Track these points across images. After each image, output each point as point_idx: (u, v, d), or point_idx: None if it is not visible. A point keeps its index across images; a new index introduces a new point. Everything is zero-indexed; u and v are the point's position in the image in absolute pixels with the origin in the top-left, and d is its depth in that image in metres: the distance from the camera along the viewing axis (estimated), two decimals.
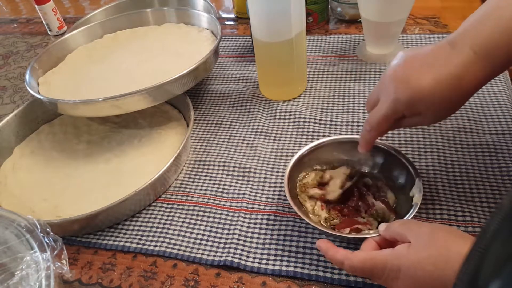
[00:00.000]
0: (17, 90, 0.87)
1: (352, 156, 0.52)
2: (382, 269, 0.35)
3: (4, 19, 1.21)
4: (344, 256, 0.38)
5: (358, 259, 0.37)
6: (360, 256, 0.37)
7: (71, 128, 0.70)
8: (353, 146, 0.49)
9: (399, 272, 0.34)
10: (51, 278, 0.38)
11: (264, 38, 0.61)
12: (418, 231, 0.36)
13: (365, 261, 0.36)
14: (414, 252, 0.34)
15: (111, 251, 0.51)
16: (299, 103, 0.67)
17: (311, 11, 0.80)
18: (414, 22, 0.80)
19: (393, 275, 0.35)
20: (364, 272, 0.37)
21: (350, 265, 0.37)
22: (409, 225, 0.38)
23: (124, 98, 0.57)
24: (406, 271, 0.34)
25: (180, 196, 0.56)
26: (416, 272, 0.33)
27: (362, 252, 0.38)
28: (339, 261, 0.38)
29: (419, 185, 0.45)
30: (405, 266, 0.34)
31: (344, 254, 0.38)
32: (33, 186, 0.60)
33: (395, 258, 0.35)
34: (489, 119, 0.58)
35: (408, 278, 0.34)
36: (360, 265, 0.36)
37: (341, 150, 0.53)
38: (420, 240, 0.35)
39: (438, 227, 0.36)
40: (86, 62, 0.74)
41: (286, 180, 0.48)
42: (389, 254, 0.36)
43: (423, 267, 0.33)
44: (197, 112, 0.69)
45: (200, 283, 0.46)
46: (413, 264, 0.34)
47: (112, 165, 0.61)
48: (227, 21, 0.95)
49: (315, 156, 0.53)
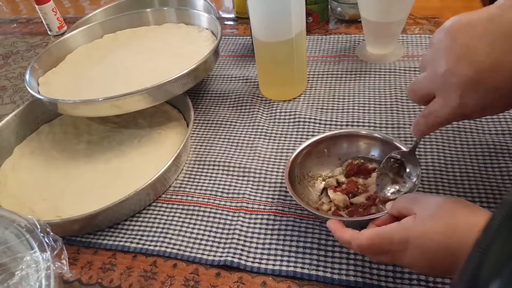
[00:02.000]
0: (17, 90, 0.87)
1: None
2: (389, 243, 0.35)
3: (4, 19, 1.21)
4: (351, 236, 0.38)
5: (365, 236, 0.36)
6: (366, 234, 0.37)
7: (71, 128, 0.70)
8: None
9: (406, 244, 0.34)
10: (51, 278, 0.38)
11: (264, 38, 0.61)
12: (423, 203, 0.35)
13: (373, 237, 0.36)
14: (421, 223, 0.34)
15: (111, 251, 0.51)
16: (299, 103, 0.67)
17: (311, 11, 0.80)
18: (414, 22, 0.80)
19: (400, 247, 0.34)
20: (373, 248, 0.36)
21: (358, 244, 0.37)
22: (415, 198, 0.37)
23: (124, 98, 0.57)
24: (413, 242, 0.33)
25: (180, 196, 0.56)
26: (424, 242, 0.33)
27: (368, 230, 0.37)
28: (347, 241, 0.38)
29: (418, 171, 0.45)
30: (413, 237, 0.33)
31: (351, 234, 0.38)
32: (33, 186, 0.60)
33: (402, 229, 0.35)
34: (489, 119, 0.58)
35: (416, 249, 0.33)
36: (369, 242, 0.36)
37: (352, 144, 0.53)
38: (427, 211, 0.34)
39: (444, 198, 0.35)
40: (86, 62, 0.74)
41: (288, 169, 0.49)
42: (395, 227, 0.35)
43: (431, 237, 0.33)
44: (197, 112, 0.69)
45: (200, 283, 0.46)
46: (421, 234, 0.33)
47: (112, 165, 0.61)
48: (227, 21, 0.95)
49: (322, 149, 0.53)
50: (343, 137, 0.53)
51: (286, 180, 0.48)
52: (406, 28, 0.78)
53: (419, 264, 0.34)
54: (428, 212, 0.34)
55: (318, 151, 0.53)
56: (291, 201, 0.53)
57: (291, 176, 0.50)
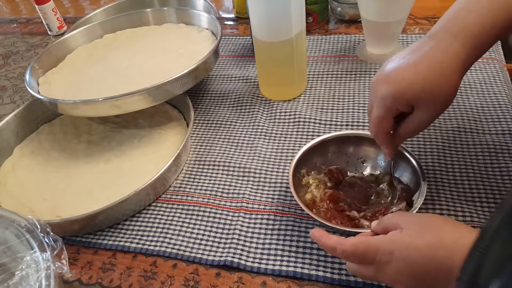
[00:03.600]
0: (17, 90, 0.87)
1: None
2: (374, 252, 0.35)
3: (4, 19, 1.21)
4: (336, 242, 0.38)
5: (351, 243, 0.36)
6: (352, 240, 0.37)
7: (71, 128, 0.70)
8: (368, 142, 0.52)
9: (391, 255, 0.34)
10: (51, 278, 0.38)
11: (264, 38, 0.61)
12: (410, 219, 0.36)
13: (358, 245, 0.36)
14: (407, 235, 0.34)
15: (111, 251, 0.51)
16: (299, 103, 0.67)
17: (311, 11, 0.80)
18: (414, 22, 0.80)
19: (385, 258, 0.34)
20: (357, 256, 0.36)
21: (343, 250, 0.37)
22: (401, 215, 0.38)
23: (124, 98, 0.57)
24: (399, 254, 0.34)
25: (180, 196, 0.56)
26: (410, 254, 0.33)
27: (354, 237, 0.38)
28: (332, 247, 0.38)
29: (424, 189, 0.45)
30: (398, 249, 0.34)
31: (336, 240, 0.38)
32: (33, 186, 0.60)
33: (388, 241, 0.35)
34: (489, 119, 0.58)
35: (401, 261, 0.34)
36: (353, 249, 0.36)
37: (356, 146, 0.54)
38: (413, 226, 0.35)
39: (430, 215, 0.37)
40: (86, 62, 0.74)
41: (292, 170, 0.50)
42: (382, 238, 0.36)
43: (417, 250, 0.33)
44: (197, 112, 0.69)
45: (200, 283, 0.46)
46: (407, 247, 0.33)
47: (112, 165, 0.61)
48: (227, 21, 0.95)
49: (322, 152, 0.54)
50: (354, 138, 0.53)
51: (290, 179, 0.49)
52: (406, 28, 0.78)
53: (403, 279, 0.34)
54: (414, 227, 0.35)
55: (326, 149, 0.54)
56: (291, 201, 0.53)
57: (295, 175, 0.50)
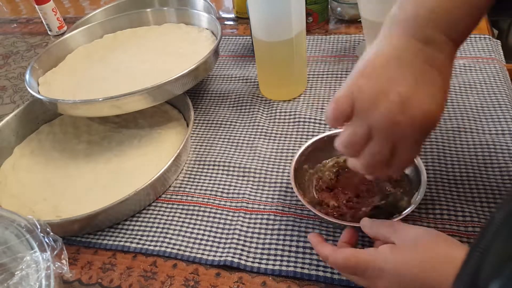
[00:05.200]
0: (17, 90, 0.87)
1: None
2: (364, 267, 0.35)
3: (4, 19, 1.21)
4: (329, 252, 0.38)
5: (342, 256, 0.37)
6: (344, 253, 0.37)
7: (71, 128, 0.70)
8: None
9: (382, 272, 0.34)
10: (51, 278, 0.38)
11: (264, 38, 0.61)
12: (403, 233, 0.36)
13: (349, 258, 0.36)
14: (400, 253, 0.34)
15: (111, 251, 0.51)
16: (299, 103, 0.67)
17: (311, 11, 0.80)
18: None
19: (376, 274, 0.35)
20: (347, 268, 0.37)
21: (334, 262, 0.37)
22: (395, 227, 0.37)
23: (124, 98, 0.57)
24: (390, 271, 0.34)
25: (180, 196, 0.56)
26: (401, 272, 0.33)
27: (346, 250, 0.38)
28: (325, 257, 0.39)
29: (423, 188, 0.45)
30: (389, 267, 0.34)
31: (330, 250, 0.38)
32: (33, 186, 0.60)
33: (378, 259, 0.35)
34: (489, 119, 0.58)
35: (392, 277, 0.34)
36: (344, 261, 0.37)
37: None
38: (406, 242, 0.35)
39: (424, 230, 0.36)
40: (86, 62, 0.74)
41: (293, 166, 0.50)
42: (372, 254, 0.36)
43: (409, 268, 0.33)
44: (197, 112, 0.69)
45: (200, 283, 0.46)
46: (398, 266, 0.34)
47: (112, 165, 0.61)
48: (227, 21, 0.95)
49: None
50: None
51: (291, 175, 0.49)
52: None
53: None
54: (407, 243, 0.35)
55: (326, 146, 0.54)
56: (291, 201, 0.53)
57: (298, 171, 0.50)
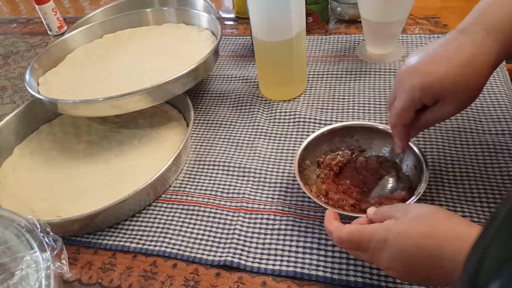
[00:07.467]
0: (17, 90, 0.87)
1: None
2: (368, 240, 0.36)
3: (4, 19, 1.21)
4: (334, 228, 0.39)
5: (346, 230, 0.38)
6: (348, 228, 0.38)
7: (71, 128, 0.70)
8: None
9: (385, 243, 0.35)
10: (51, 278, 0.38)
11: (264, 38, 0.61)
12: (405, 209, 0.37)
13: (353, 232, 0.37)
14: (401, 223, 0.35)
15: (111, 251, 0.51)
16: (299, 103, 0.67)
17: (311, 11, 0.80)
18: (414, 22, 0.80)
19: (379, 245, 0.35)
20: (351, 243, 0.37)
21: (338, 236, 0.38)
22: (398, 206, 0.39)
23: (124, 98, 0.57)
24: (392, 241, 0.34)
25: (180, 196, 0.56)
26: (402, 241, 0.34)
27: (350, 225, 0.39)
28: (329, 232, 0.40)
29: (426, 175, 0.46)
30: (392, 237, 0.34)
31: (335, 226, 0.39)
32: (33, 186, 0.60)
33: (382, 229, 0.36)
34: (489, 119, 0.58)
35: (394, 248, 0.34)
36: (348, 236, 0.37)
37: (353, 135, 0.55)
38: (408, 215, 0.36)
39: (425, 205, 0.37)
40: (86, 62, 0.74)
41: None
42: (376, 227, 0.37)
43: (410, 236, 0.34)
44: (197, 112, 0.69)
45: (200, 283, 0.46)
46: (400, 234, 0.34)
47: (112, 165, 0.61)
48: (227, 21, 0.95)
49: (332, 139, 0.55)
50: (359, 128, 0.54)
51: (296, 169, 0.49)
52: (406, 28, 0.78)
53: (397, 266, 0.35)
54: (408, 216, 0.35)
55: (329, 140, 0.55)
56: (291, 201, 0.53)
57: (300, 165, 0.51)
